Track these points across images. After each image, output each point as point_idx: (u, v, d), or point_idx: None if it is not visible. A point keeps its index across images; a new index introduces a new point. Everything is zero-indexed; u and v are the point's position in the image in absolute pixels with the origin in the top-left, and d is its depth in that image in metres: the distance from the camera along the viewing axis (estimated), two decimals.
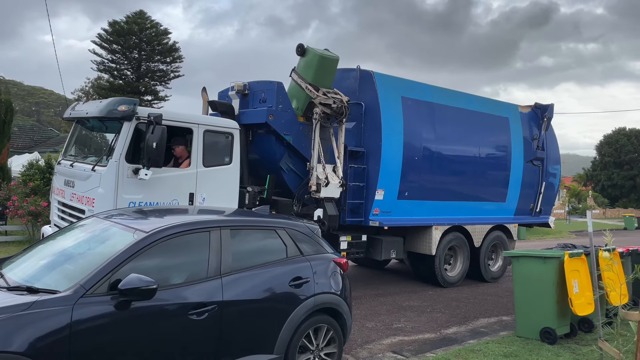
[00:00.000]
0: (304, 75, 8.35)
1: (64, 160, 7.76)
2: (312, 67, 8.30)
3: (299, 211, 8.39)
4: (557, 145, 12.34)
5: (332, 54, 8.46)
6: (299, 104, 8.44)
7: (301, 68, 8.44)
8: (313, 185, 8.20)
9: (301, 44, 8.39)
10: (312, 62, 8.29)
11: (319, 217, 8.14)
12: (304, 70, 8.39)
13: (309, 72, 8.32)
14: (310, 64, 8.32)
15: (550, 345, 6.27)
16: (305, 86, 8.27)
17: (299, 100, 8.44)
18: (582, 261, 6.58)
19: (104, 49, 34.70)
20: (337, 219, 8.40)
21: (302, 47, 8.36)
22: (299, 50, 8.38)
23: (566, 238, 22.34)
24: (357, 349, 6.15)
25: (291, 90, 8.57)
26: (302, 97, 8.40)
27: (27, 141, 28.76)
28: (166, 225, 4.17)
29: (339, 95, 8.41)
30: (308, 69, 8.33)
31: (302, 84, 8.31)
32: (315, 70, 8.27)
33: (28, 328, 3.21)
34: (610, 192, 52.61)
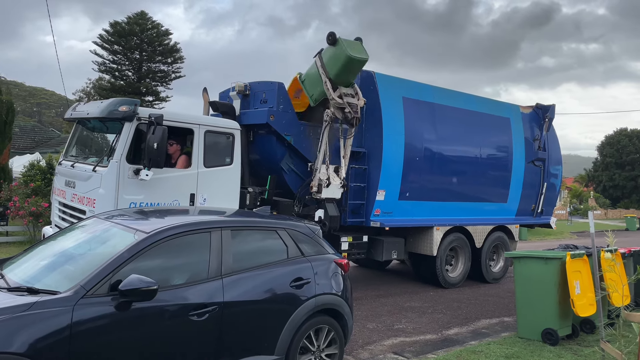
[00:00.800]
0: (328, 67, 7.96)
1: (65, 161, 7.76)
2: (337, 62, 7.89)
3: (300, 212, 8.37)
4: (559, 146, 12.33)
5: (361, 54, 7.92)
6: (314, 92, 8.24)
7: (327, 57, 8.00)
8: (314, 185, 8.18)
9: (333, 32, 7.89)
10: (340, 58, 7.84)
11: (320, 217, 8.13)
12: (328, 62, 7.97)
13: (333, 67, 7.94)
14: (337, 58, 7.88)
15: (551, 346, 6.26)
16: (325, 80, 7.96)
17: (314, 88, 8.23)
18: (584, 262, 6.56)
19: (105, 50, 34.75)
20: (338, 219, 8.38)
21: (333, 36, 7.88)
22: (329, 39, 7.90)
23: (568, 239, 22.31)
24: (358, 349, 6.14)
25: (310, 74, 8.30)
26: (319, 87, 8.15)
27: (29, 142, 28.79)
28: (167, 225, 4.16)
29: (355, 98, 8.16)
30: (333, 63, 7.93)
31: (323, 76, 7.98)
32: (340, 67, 7.89)
33: (28, 329, 3.20)
34: (612, 192, 52.54)
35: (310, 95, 8.25)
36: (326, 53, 8.06)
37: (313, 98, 8.27)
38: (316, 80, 8.18)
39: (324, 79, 7.97)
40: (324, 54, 8.09)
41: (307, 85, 8.37)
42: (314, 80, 8.23)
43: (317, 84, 8.18)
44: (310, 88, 8.29)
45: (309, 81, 8.33)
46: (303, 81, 8.56)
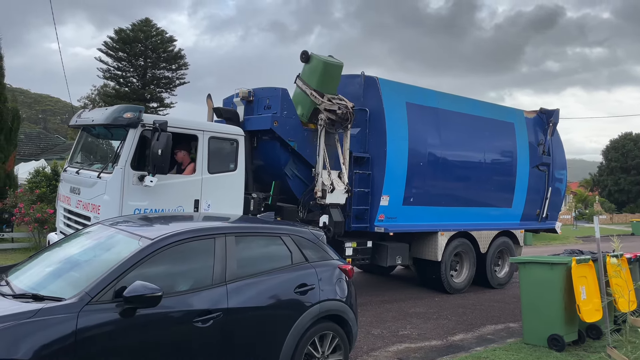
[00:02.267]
0: (309, 82, 8.36)
1: (69, 168, 7.80)
2: (316, 73, 8.30)
3: (305, 217, 8.37)
4: (563, 150, 12.29)
5: (336, 60, 8.46)
6: (304, 110, 8.45)
7: (306, 74, 8.45)
8: (318, 191, 8.18)
9: (305, 50, 8.45)
10: (317, 69, 8.28)
11: (325, 223, 8.12)
12: (308, 77, 8.39)
13: (313, 79, 8.32)
14: (314, 70, 8.32)
15: (558, 352, 6.21)
16: (310, 92, 8.29)
17: (304, 107, 8.46)
18: (590, 267, 6.52)
19: (110, 57, 34.93)
20: (342, 225, 8.37)
21: (306, 53, 8.40)
22: (303, 57, 8.41)
23: (573, 244, 22.20)
24: (363, 356, 6.12)
25: (296, 96, 8.59)
26: (307, 103, 8.41)
27: (34, 148, 28.92)
28: (171, 232, 4.17)
29: (343, 101, 8.40)
30: (312, 75, 8.34)
31: (307, 90, 8.33)
32: (319, 76, 8.27)
33: (33, 335, 3.21)
34: (617, 197, 52.30)
35: (301, 114, 8.43)
36: (304, 71, 8.48)
37: (304, 116, 8.45)
38: (303, 98, 8.47)
39: (309, 92, 8.30)
40: (302, 74, 8.51)
41: (296, 106, 8.52)
42: (301, 100, 8.50)
43: (304, 101, 8.45)
44: (299, 106, 8.48)
45: (296, 102, 8.52)
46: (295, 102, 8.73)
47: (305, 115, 8.44)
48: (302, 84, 8.44)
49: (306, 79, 8.42)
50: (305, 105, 8.44)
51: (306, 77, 8.43)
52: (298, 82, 8.57)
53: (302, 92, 8.46)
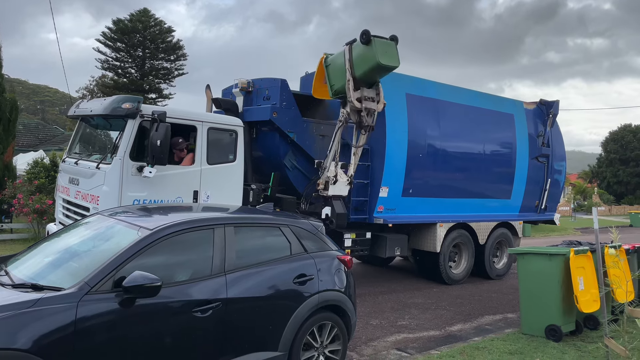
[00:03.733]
0: (355, 64, 7.57)
1: (68, 158, 7.79)
2: (365, 64, 7.51)
3: (307, 209, 8.33)
4: (563, 142, 12.28)
5: (392, 61, 7.46)
6: (336, 83, 7.89)
7: (356, 53, 7.57)
8: (321, 183, 8.06)
9: (367, 31, 7.31)
10: (369, 61, 7.45)
11: (327, 215, 8.05)
12: (357, 60, 7.56)
13: (359, 67, 7.56)
14: (366, 60, 7.47)
15: (555, 342, 6.25)
16: (348, 78, 7.64)
17: (337, 80, 7.86)
18: (588, 258, 6.54)
19: (108, 47, 34.78)
20: (345, 217, 8.25)
21: (367, 35, 7.32)
22: (363, 38, 7.38)
23: (571, 235, 22.26)
24: (362, 346, 6.15)
25: (336, 62, 7.86)
26: (341, 81, 7.79)
27: (32, 139, 28.86)
28: (170, 222, 4.17)
29: (375, 101, 7.87)
30: (361, 63, 7.54)
31: (347, 72, 7.63)
32: (366, 70, 7.57)
33: (33, 325, 3.22)
34: (616, 188, 52.35)
35: (331, 85, 7.86)
36: (356, 48, 7.60)
37: (333, 89, 7.90)
38: (340, 72, 7.78)
39: (348, 76, 7.65)
40: (354, 47, 7.64)
41: (330, 72, 7.92)
42: (338, 72, 7.81)
43: (340, 76, 7.82)
44: (333, 77, 7.87)
45: (333, 69, 7.87)
46: (327, 66, 8.07)
47: (335, 90, 7.96)
48: (348, 59, 7.62)
49: (354, 58, 7.59)
50: (339, 82, 7.86)
51: (355, 56, 7.59)
52: (346, 51, 7.65)
53: (343, 67, 7.69)
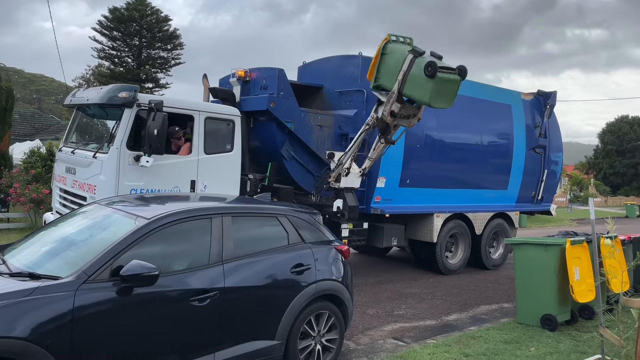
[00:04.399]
0: (408, 81, 6.76)
1: (65, 147, 7.76)
2: (416, 92, 6.73)
3: (317, 201, 8.22)
4: (560, 133, 12.29)
5: (443, 103, 6.74)
6: (382, 78, 7.17)
7: (414, 73, 6.67)
8: (333, 175, 7.88)
9: (434, 64, 6.38)
10: (421, 92, 6.65)
11: (339, 207, 7.94)
12: (411, 80, 6.71)
13: (409, 88, 6.78)
14: (420, 89, 6.65)
15: (550, 332, 6.30)
16: (394, 90, 6.90)
17: (385, 77, 7.12)
18: (584, 248, 6.58)
19: (104, 36, 34.46)
20: (357, 209, 8.09)
21: (433, 69, 6.37)
22: (428, 71, 6.41)
23: (567, 226, 22.36)
24: (358, 335, 6.19)
25: (393, 59, 6.99)
26: (387, 81, 7.07)
27: (29, 129, 28.74)
28: (168, 212, 4.17)
29: (408, 120, 7.21)
30: (413, 87, 6.74)
31: (396, 84, 6.86)
32: (414, 97, 6.88)
33: (30, 314, 3.22)
34: (612, 180, 52.53)
35: (377, 77, 7.15)
36: (417, 68, 6.66)
37: (376, 83, 7.21)
38: (390, 73, 6.99)
39: (394, 88, 6.90)
40: (415, 64, 6.69)
41: (382, 63, 7.10)
42: (389, 70, 7.03)
43: (388, 77, 7.04)
44: (383, 71, 7.10)
45: (386, 63, 7.06)
46: (384, 54, 7.17)
47: (377, 84, 7.30)
48: (405, 69, 6.75)
49: (410, 75, 6.72)
50: (383, 81, 7.16)
51: (412, 75, 6.71)
52: (408, 59, 6.72)
53: (394, 71, 6.91)
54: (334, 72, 9.55)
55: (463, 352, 5.34)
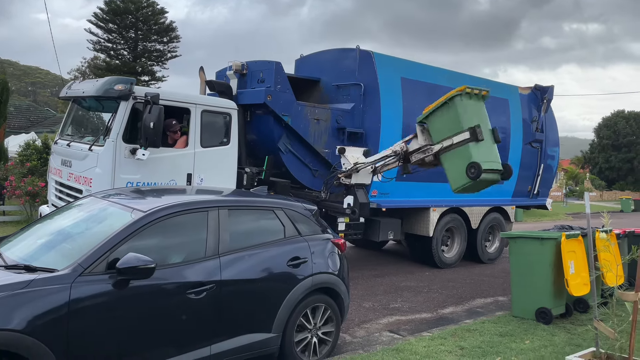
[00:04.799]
0: (449, 156, 6.42)
1: (60, 140, 7.72)
2: (454, 171, 6.39)
3: (327, 198, 8.14)
4: (556, 128, 12.31)
5: (472, 191, 6.55)
6: (430, 125, 6.62)
7: (461, 153, 6.26)
8: (344, 172, 7.70)
9: (477, 165, 6.05)
10: (457, 176, 6.38)
11: (349, 204, 7.83)
12: (454, 157, 6.37)
13: (450, 165, 6.46)
14: (458, 173, 6.33)
15: (545, 325, 6.33)
16: (436, 149, 6.52)
17: (432, 126, 6.59)
18: (579, 242, 6.61)
19: (100, 28, 34.23)
20: (367, 206, 7.88)
21: (477, 170, 6.05)
22: (471, 173, 6.10)
23: (563, 220, 22.46)
24: (355, 328, 6.21)
25: (448, 115, 6.38)
26: (436, 133, 6.55)
27: (24, 121, 28.58)
28: (164, 204, 4.16)
29: (427, 155, 6.82)
30: (453, 166, 6.38)
31: (438, 145, 6.49)
32: (450, 174, 6.53)
33: (26, 306, 3.22)
34: (608, 174, 52.70)
35: (429, 118, 6.57)
36: (463, 153, 6.23)
37: (425, 121, 6.68)
38: (442, 130, 6.45)
39: (435, 148, 6.51)
40: (467, 147, 6.22)
41: (443, 112, 6.44)
42: (443, 126, 6.44)
43: (439, 131, 6.49)
44: (437, 119, 6.49)
45: (445, 115, 6.42)
46: (446, 103, 6.40)
47: (420, 120, 6.78)
48: (452, 141, 6.32)
49: (454, 153, 6.36)
50: (431, 128, 6.62)
51: (456, 152, 6.34)
52: (461, 135, 6.21)
53: (446, 128, 6.38)
54: (331, 66, 9.53)
55: (458, 345, 5.37)
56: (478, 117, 6.33)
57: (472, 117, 6.29)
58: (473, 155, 6.14)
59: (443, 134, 6.44)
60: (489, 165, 6.20)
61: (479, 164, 6.06)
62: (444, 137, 6.41)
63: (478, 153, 6.16)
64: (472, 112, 6.33)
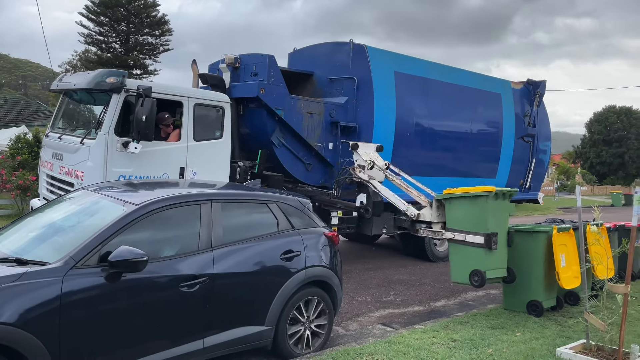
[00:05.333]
0: (459, 256, 6.25)
1: (52, 133, 7.65)
2: (460, 264, 6.20)
3: (338, 196, 8.10)
4: (548, 122, 12.38)
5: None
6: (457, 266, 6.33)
7: (469, 253, 6.09)
8: (356, 168, 7.65)
9: (481, 275, 5.97)
10: (461, 267, 6.19)
11: (362, 202, 7.79)
12: (463, 253, 6.16)
13: (456, 260, 6.31)
14: (462, 267, 6.17)
15: (536, 317, 6.38)
16: (448, 230, 6.43)
17: (453, 217, 6.37)
18: (570, 236, 6.65)
19: (91, 21, 33.92)
20: (382, 204, 7.83)
21: (480, 279, 6.00)
22: (475, 281, 6.02)
23: (554, 214, 22.59)
24: (347, 321, 6.23)
25: (471, 209, 6.16)
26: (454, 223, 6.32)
27: (14, 115, 28.29)
28: (156, 197, 4.15)
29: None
30: (462, 260, 6.20)
31: (450, 233, 6.36)
32: (454, 267, 6.36)
33: (18, 299, 3.20)
34: (599, 169, 53.06)
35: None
36: (473, 255, 6.07)
37: (447, 199, 6.48)
38: (460, 219, 6.24)
39: (446, 228, 6.44)
40: (479, 253, 6.07)
41: (466, 203, 6.24)
42: (463, 216, 6.23)
43: (458, 219, 6.26)
44: (460, 212, 6.26)
45: (466, 209, 6.22)
46: (471, 197, 6.17)
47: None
48: (465, 242, 6.15)
49: (466, 251, 6.18)
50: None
51: (469, 250, 6.13)
52: (476, 238, 6.01)
53: (464, 217, 6.20)
54: (324, 59, 9.51)
55: (450, 337, 5.40)
56: (498, 222, 6.14)
57: (493, 220, 6.06)
58: (480, 263, 5.97)
59: (457, 225, 6.25)
60: (494, 274, 6.07)
61: (483, 273, 5.93)
62: (458, 228, 6.22)
63: (486, 261, 5.99)
64: (494, 213, 6.10)
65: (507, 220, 6.38)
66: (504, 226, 6.26)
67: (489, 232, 5.97)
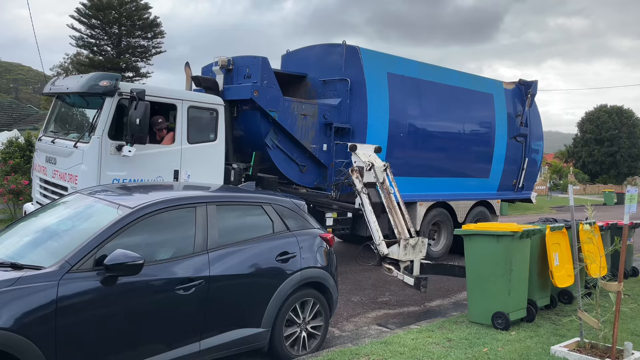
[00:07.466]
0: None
1: (44, 137, 7.62)
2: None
3: (337, 197, 8.09)
4: (540, 122, 12.46)
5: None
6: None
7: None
8: (355, 169, 7.53)
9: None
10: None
11: (361, 204, 7.76)
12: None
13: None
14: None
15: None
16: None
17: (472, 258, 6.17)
18: (563, 235, 6.70)
19: (82, 24, 33.75)
20: (380, 206, 7.74)
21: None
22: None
23: (547, 213, 22.74)
24: (343, 322, 6.24)
25: (484, 261, 6.02)
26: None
27: (6, 119, 28.11)
28: (151, 201, 4.14)
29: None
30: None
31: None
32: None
33: (13, 304, 3.19)
34: (591, 168, 53.39)
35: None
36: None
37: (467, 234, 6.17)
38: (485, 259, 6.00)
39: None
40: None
41: (480, 249, 6.05)
42: (481, 274, 6.03)
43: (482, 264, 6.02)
44: (473, 270, 6.11)
45: (480, 260, 6.05)
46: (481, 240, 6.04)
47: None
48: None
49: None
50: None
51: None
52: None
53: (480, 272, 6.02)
54: (317, 61, 9.54)
55: (446, 337, 5.43)
56: (519, 259, 6.00)
57: (514, 259, 5.91)
58: (503, 305, 5.81)
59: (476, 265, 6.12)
60: (517, 315, 5.97)
61: (507, 315, 5.76)
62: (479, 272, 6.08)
63: (508, 302, 5.80)
64: (515, 253, 5.94)
65: (527, 255, 6.19)
66: (524, 263, 6.12)
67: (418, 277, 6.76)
